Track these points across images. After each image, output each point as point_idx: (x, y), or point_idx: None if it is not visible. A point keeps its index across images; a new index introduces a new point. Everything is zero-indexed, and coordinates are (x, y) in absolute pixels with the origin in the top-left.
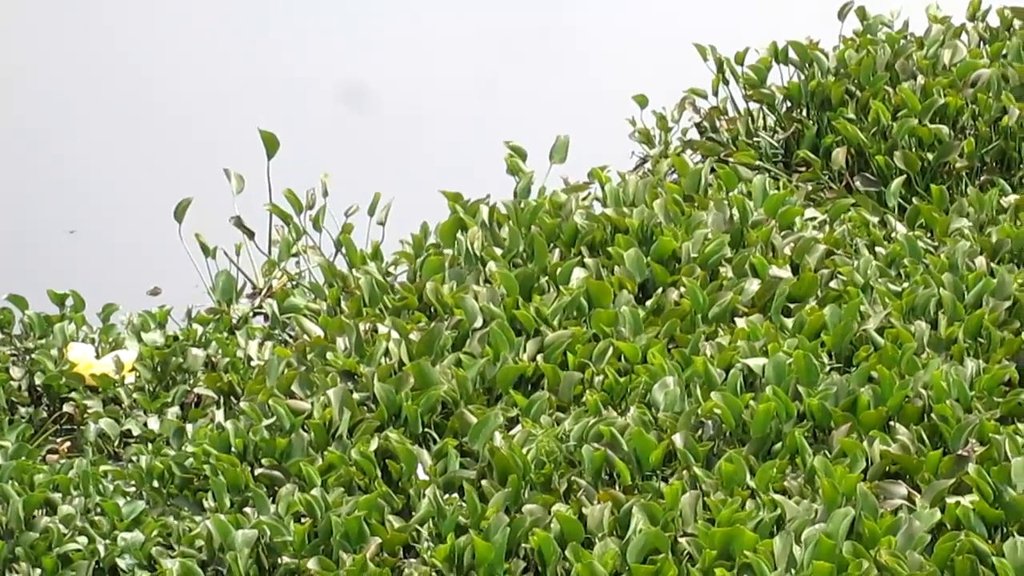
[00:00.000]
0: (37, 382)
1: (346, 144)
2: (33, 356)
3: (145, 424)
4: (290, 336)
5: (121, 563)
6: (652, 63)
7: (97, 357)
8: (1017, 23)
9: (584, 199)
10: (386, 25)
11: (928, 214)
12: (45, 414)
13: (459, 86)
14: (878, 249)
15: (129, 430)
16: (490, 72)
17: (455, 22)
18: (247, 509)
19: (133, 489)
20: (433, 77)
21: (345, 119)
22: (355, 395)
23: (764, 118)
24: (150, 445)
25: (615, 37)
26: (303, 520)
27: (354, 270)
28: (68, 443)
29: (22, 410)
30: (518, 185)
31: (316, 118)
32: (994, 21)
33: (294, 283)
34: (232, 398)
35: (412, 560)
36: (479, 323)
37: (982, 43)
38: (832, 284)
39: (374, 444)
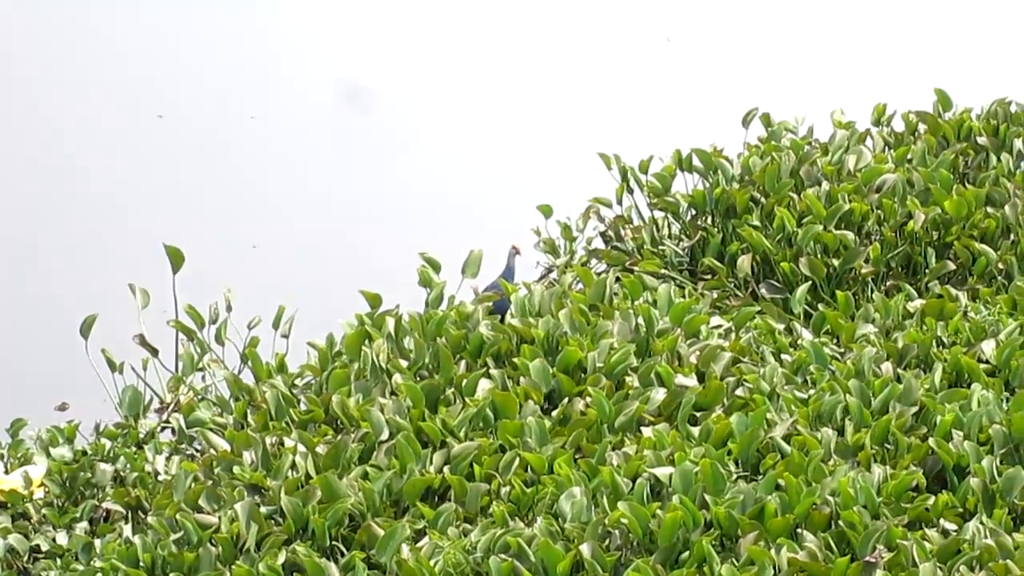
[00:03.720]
0: None
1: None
2: None
3: (54, 539)
4: (197, 450)
5: None
6: (556, 172)
7: (6, 472)
8: (922, 127)
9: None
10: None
11: (834, 320)
12: None
13: (363, 195)
14: (784, 356)
15: (38, 545)
16: (393, 182)
17: (351, 132)
18: None
19: None
20: (347, 179)
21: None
22: (262, 509)
23: (669, 226)
24: (59, 560)
25: (519, 147)
26: None
27: (260, 383)
28: None
29: None
30: (429, 296)
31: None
32: (899, 126)
33: (200, 397)
34: (140, 512)
35: None
36: (385, 435)
37: (887, 148)
38: (738, 392)
39: (282, 558)
